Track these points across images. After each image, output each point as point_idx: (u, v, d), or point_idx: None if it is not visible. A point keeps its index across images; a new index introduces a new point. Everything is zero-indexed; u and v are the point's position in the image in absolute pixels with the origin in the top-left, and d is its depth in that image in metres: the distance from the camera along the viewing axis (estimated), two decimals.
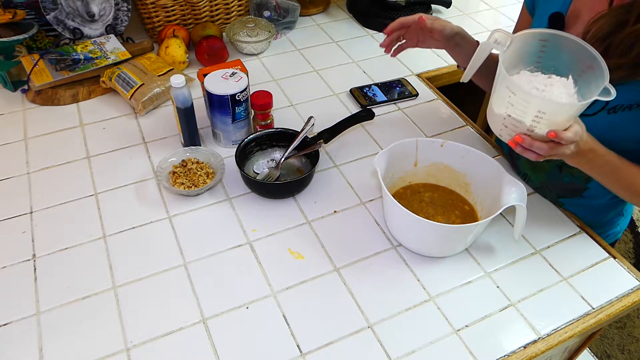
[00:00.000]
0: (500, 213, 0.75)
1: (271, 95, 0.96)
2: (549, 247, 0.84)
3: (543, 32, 0.69)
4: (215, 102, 0.92)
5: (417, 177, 0.89)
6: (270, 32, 1.25)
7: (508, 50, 0.70)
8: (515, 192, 0.74)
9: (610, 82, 0.64)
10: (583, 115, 0.77)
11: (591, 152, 0.72)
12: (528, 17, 0.92)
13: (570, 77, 0.68)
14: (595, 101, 0.76)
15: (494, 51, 0.73)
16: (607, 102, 0.75)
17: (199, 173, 0.89)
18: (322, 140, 0.92)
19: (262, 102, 0.95)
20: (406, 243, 0.82)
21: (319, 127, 0.97)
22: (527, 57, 0.72)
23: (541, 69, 0.71)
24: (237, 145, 0.92)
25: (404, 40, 0.97)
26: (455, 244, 0.79)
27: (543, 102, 0.64)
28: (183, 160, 0.92)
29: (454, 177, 0.87)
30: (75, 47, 1.12)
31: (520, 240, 0.84)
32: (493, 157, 0.82)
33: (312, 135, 0.95)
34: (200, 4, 1.23)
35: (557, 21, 0.80)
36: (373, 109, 1.01)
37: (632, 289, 0.78)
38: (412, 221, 0.74)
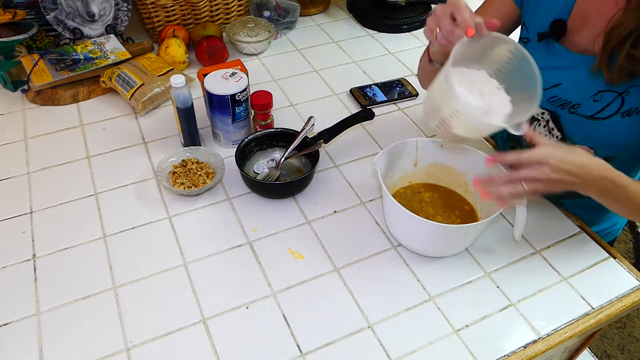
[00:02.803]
0: (500, 213, 0.75)
1: (271, 95, 0.96)
2: (549, 247, 0.84)
3: (516, 45, 0.67)
4: (215, 102, 0.92)
5: (417, 177, 0.89)
6: (270, 32, 1.25)
7: (483, 43, 0.67)
8: None
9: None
10: (597, 119, 0.77)
11: (603, 179, 0.67)
12: (508, 5, 0.87)
13: (509, 99, 0.68)
14: (605, 107, 0.75)
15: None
16: (622, 104, 0.74)
17: (199, 173, 0.89)
18: (322, 140, 0.92)
19: (262, 102, 0.95)
20: (406, 243, 0.82)
21: (319, 127, 0.97)
22: (495, 58, 0.70)
23: (500, 79, 0.69)
24: (237, 145, 0.92)
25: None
26: (455, 244, 0.79)
27: (461, 105, 0.64)
28: (183, 160, 0.92)
29: (454, 177, 0.87)
30: (75, 47, 1.12)
31: (520, 240, 0.84)
32: None
33: (312, 135, 0.94)
34: (200, 4, 1.23)
35: (559, 28, 0.79)
36: (373, 109, 1.00)
37: (632, 289, 0.78)
38: (412, 221, 0.74)
